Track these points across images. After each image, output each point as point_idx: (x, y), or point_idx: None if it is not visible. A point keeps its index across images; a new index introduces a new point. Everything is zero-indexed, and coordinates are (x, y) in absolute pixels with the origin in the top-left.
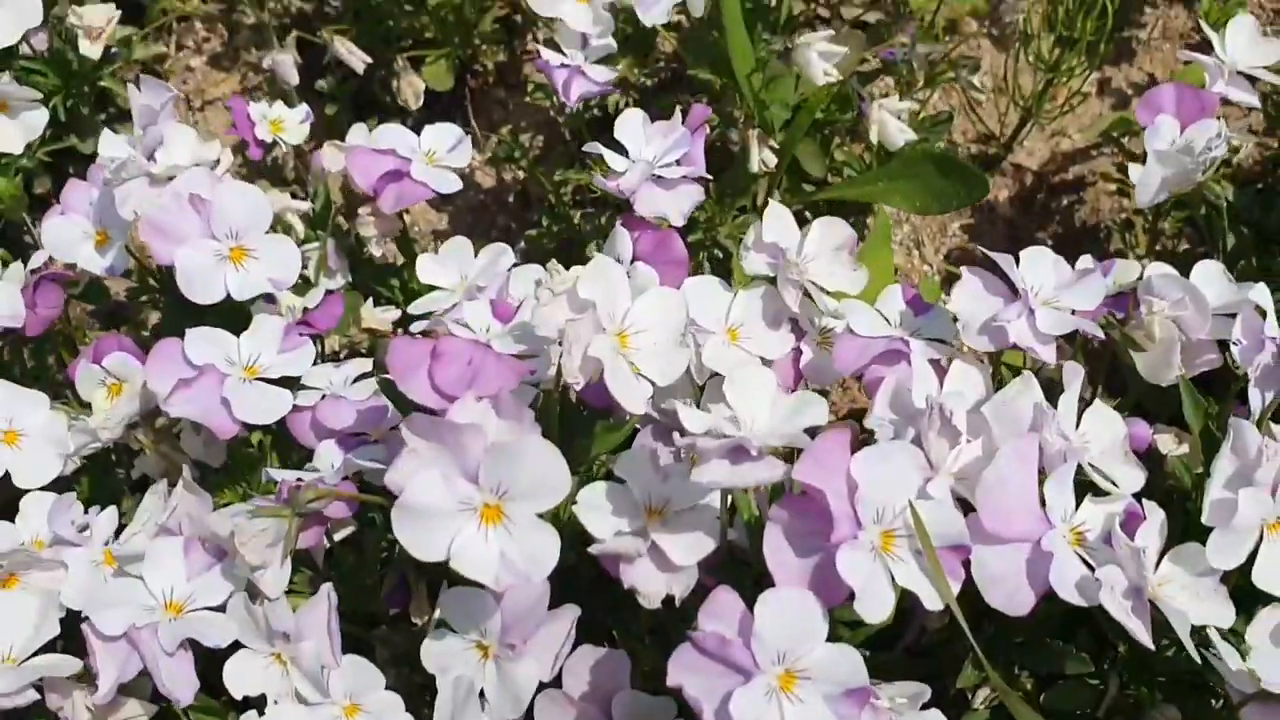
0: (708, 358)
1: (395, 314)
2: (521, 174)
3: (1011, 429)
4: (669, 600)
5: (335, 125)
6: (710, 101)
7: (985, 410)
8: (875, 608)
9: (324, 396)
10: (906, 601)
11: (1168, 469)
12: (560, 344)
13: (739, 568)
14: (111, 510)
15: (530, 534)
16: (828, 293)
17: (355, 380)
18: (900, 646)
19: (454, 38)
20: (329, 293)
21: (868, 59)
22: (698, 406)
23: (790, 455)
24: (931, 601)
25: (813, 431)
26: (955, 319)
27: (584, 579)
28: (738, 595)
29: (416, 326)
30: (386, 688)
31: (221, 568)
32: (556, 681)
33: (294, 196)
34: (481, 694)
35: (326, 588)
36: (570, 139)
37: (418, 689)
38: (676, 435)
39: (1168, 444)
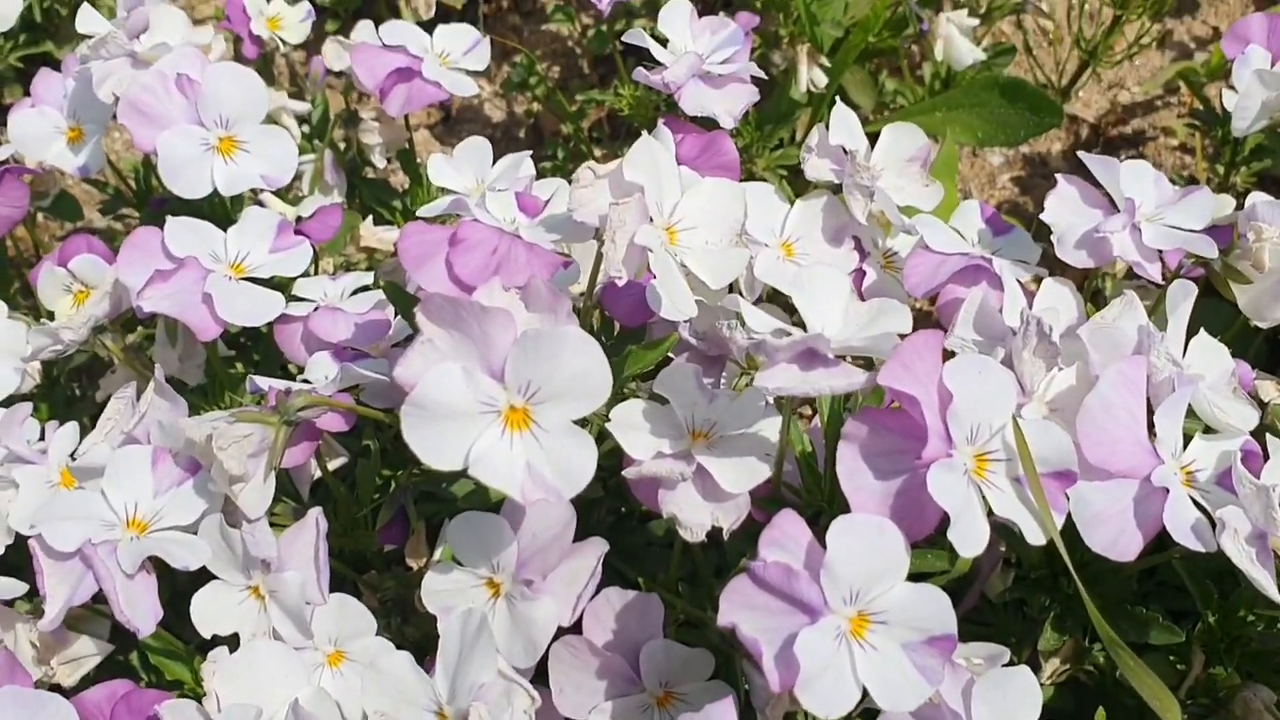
0: (760, 271)
1: (398, 234)
2: (535, 105)
3: (1113, 354)
4: (712, 537)
5: None
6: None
7: (1083, 332)
8: (970, 538)
9: (318, 308)
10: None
11: (1267, 420)
12: (601, 233)
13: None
14: (72, 426)
15: (562, 442)
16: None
17: (353, 293)
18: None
19: None
20: (324, 206)
21: None
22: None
23: (867, 368)
24: (1034, 535)
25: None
26: (1049, 232)
27: (602, 520)
28: (804, 522)
29: None
30: (376, 635)
31: (194, 483)
32: (576, 628)
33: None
34: None
35: (315, 511)
36: (590, 70)
37: (410, 646)
38: (737, 335)
39: (1269, 391)
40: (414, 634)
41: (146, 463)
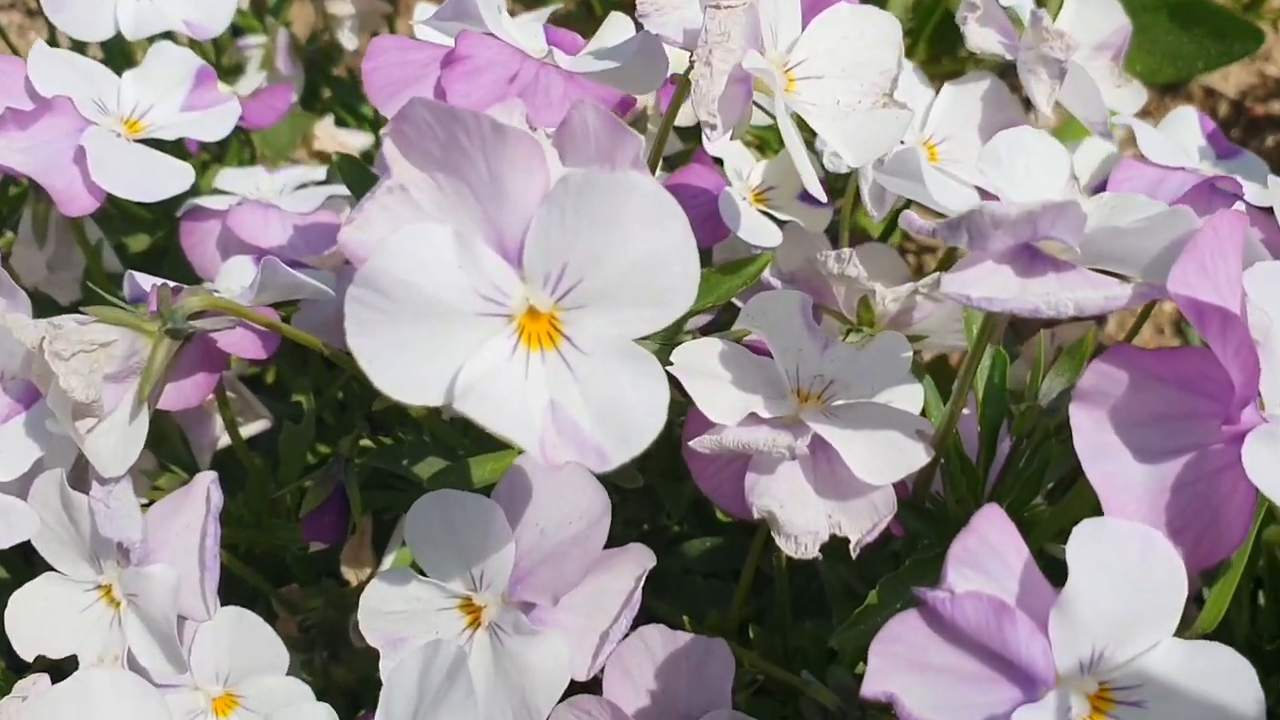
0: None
1: (366, 139)
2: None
3: None
4: (834, 552)
5: None
6: None
7: None
8: None
9: (243, 202)
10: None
11: None
12: (691, 54)
13: (935, 519)
14: None
15: (613, 371)
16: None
17: (297, 189)
18: None
19: None
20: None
21: None
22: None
23: None
24: None
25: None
26: None
27: (621, 536)
28: (1016, 529)
29: None
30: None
31: (27, 419)
32: (594, 684)
33: None
34: None
35: (207, 476)
36: None
37: (339, 693)
38: (849, 269)
39: None
40: (346, 677)
41: None
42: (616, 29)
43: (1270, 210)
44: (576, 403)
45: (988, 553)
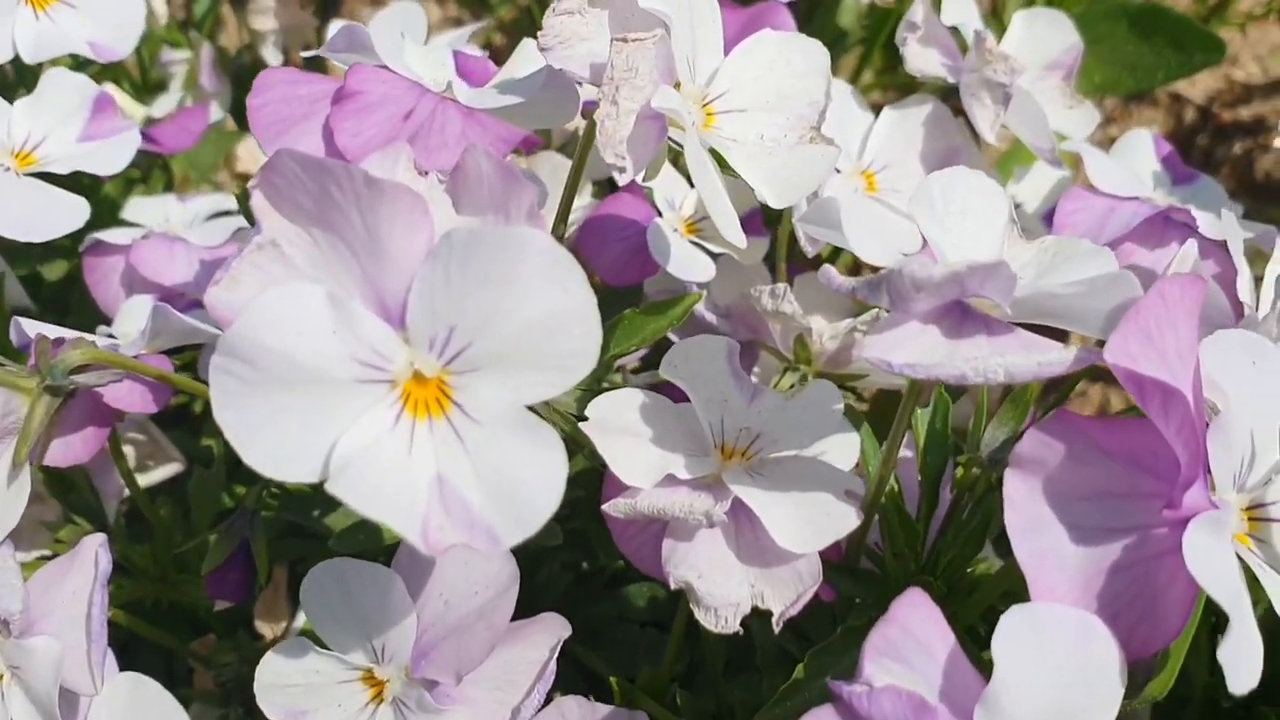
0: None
1: None
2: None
3: None
4: (754, 623)
5: None
6: None
7: None
8: (1248, 659)
9: (148, 235)
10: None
11: None
12: (599, 91)
13: (869, 581)
14: None
15: (506, 443)
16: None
17: (209, 219)
18: None
19: None
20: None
21: None
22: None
23: None
24: None
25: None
26: None
27: (553, 580)
28: (940, 614)
29: None
30: None
31: None
32: None
33: None
34: None
35: (95, 539)
36: None
37: None
38: (784, 306)
39: None
40: None
41: None
42: (527, 58)
43: (1224, 243)
44: (466, 477)
45: (909, 643)
